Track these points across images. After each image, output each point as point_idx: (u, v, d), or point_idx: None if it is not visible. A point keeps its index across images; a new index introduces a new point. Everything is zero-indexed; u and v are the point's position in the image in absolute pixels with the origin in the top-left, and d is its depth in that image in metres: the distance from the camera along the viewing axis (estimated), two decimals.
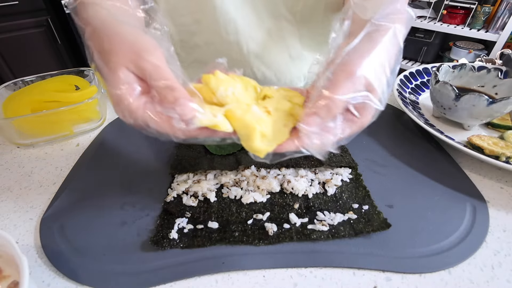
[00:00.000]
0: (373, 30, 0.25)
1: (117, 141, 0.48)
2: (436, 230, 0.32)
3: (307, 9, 0.53)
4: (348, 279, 0.28)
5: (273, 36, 0.55)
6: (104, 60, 0.26)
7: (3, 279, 0.26)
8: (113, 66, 0.25)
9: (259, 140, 0.27)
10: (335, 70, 0.25)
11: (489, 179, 0.39)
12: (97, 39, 0.27)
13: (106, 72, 0.26)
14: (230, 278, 0.28)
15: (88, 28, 0.28)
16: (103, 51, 0.26)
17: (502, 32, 1.74)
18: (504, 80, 0.48)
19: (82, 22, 0.29)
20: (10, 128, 0.46)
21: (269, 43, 0.56)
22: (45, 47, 1.87)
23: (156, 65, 0.25)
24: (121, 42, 0.26)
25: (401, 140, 0.47)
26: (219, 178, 0.38)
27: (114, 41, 0.26)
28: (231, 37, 0.53)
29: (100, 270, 0.29)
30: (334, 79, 0.24)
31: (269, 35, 0.55)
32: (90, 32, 0.28)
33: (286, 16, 0.53)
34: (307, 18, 0.54)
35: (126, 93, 0.25)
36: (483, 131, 0.48)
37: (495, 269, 0.29)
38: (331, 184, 0.37)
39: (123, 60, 0.25)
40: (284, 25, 0.54)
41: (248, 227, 0.32)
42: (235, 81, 0.31)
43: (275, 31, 0.55)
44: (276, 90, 0.34)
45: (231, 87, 0.29)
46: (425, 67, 0.61)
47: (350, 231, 0.31)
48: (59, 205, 0.36)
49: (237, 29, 0.52)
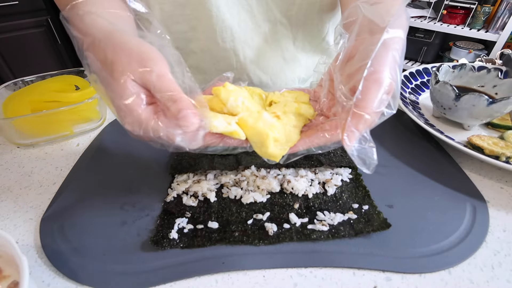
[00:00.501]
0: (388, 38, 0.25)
1: (117, 141, 0.48)
2: (436, 230, 0.32)
3: (301, 12, 0.53)
4: (348, 279, 0.28)
5: (268, 40, 0.56)
6: (108, 70, 0.25)
7: (3, 279, 0.26)
8: (118, 76, 0.25)
9: (273, 145, 0.28)
10: (365, 81, 0.24)
11: (489, 179, 0.39)
12: (98, 50, 0.26)
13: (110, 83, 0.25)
14: (230, 278, 0.28)
15: (87, 38, 0.27)
16: (106, 62, 0.26)
17: (502, 32, 1.74)
18: (504, 80, 0.48)
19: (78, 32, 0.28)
20: (10, 128, 0.46)
21: (264, 47, 0.56)
22: (45, 47, 1.87)
23: (160, 75, 0.25)
24: (125, 52, 0.25)
25: (401, 140, 0.47)
26: (219, 178, 0.38)
27: (117, 51, 0.25)
28: (228, 44, 0.53)
29: (100, 270, 0.29)
30: (366, 91, 0.24)
31: (265, 39, 0.56)
32: (89, 43, 0.27)
33: (281, 20, 0.54)
34: (301, 21, 0.55)
35: (135, 103, 0.25)
36: (483, 131, 0.48)
37: (495, 269, 0.29)
38: (331, 184, 0.37)
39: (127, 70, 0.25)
40: (279, 29, 0.55)
41: (248, 227, 0.32)
42: (242, 91, 0.32)
43: (270, 35, 0.55)
44: (281, 94, 0.35)
45: (240, 97, 0.30)
46: (425, 67, 0.61)
47: (350, 231, 0.31)
48: (59, 205, 0.36)
49: (234, 36, 0.53)
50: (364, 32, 0.28)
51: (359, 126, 0.24)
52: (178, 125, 0.24)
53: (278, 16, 0.53)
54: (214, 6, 0.48)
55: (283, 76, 0.61)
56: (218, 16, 0.49)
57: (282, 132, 0.29)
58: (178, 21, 0.52)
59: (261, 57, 0.57)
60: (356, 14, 0.29)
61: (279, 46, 0.57)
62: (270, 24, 0.54)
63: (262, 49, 0.56)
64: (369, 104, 0.24)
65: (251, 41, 0.55)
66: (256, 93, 0.35)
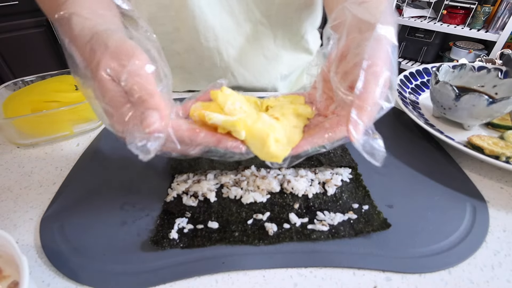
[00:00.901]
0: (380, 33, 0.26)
1: (117, 141, 0.48)
2: (436, 230, 0.32)
3: (280, 12, 0.56)
4: (348, 279, 0.28)
5: (250, 40, 0.58)
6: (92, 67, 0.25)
7: (3, 279, 0.26)
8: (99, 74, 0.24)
9: (274, 145, 0.27)
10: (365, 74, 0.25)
11: (489, 179, 0.39)
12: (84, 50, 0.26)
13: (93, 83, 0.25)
14: (230, 278, 0.28)
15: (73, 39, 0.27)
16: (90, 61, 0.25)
17: (502, 32, 1.74)
18: (504, 80, 0.48)
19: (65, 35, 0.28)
20: (10, 128, 0.46)
21: (246, 46, 0.59)
22: (45, 47, 1.87)
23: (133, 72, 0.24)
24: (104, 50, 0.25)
25: (401, 140, 0.47)
26: (219, 178, 0.38)
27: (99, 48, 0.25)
28: (211, 44, 0.56)
29: (100, 270, 0.29)
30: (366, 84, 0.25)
31: (246, 39, 0.58)
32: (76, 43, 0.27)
33: (261, 20, 0.56)
34: (281, 21, 0.57)
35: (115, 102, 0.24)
36: (483, 131, 0.48)
37: (495, 269, 0.29)
38: (331, 184, 0.37)
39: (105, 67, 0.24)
40: (260, 29, 0.57)
41: (248, 227, 0.32)
42: (239, 95, 0.32)
43: (252, 35, 0.58)
44: (276, 99, 0.35)
45: (238, 101, 0.30)
46: (425, 67, 0.61)
47: (350, 231, 0.31)
48: (59, 205, 0.36)
49: (216, 35, 0.55)
50: (354, 32, 0.28)
51: (363, 117, 0.24)
52: (139, 128, 0.23)
53: (259, 16, 0.56)
54: (196, 7, 0.50)
55: (266, 73, 0.64)
56: (200, 17, 0.52)
57: (282, 133, 0.29)
58: (163, 22, 0.54)
59: (244, 56, 0.60)
60: (343, 15, 0.29)
61: (261, 45, 0.60)
62: (251, 24, 0.56)
63: (244, 48, 0.59)
64: (370, 95, 0.24)
65: (233, 41, 0.57)
66: (252, 100, 0.35)
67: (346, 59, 0.28)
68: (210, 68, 0.60)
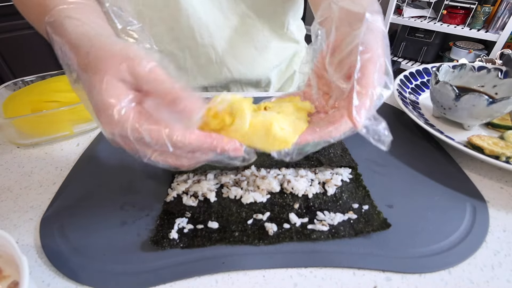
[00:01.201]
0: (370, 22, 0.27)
1: None
2: (436, 230, 0.32)
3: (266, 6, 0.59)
4: (348, 279, 0.28)
5: (239, 32, 0.61)
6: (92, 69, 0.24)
7: (3, 279, 0.26)
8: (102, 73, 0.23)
9: (279, 130, 0.27)
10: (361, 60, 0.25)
11: (489, 179, 0.39)
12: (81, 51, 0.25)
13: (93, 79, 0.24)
14: (230, 278, 0.28)
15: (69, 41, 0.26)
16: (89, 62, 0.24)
17: (502, 32, 1.74)
18: (504, 80, 0.48)
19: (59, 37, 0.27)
20: (10, 128, 0.46)
21: (237, 39, 0.61)
22: (45, 47, 1.87)
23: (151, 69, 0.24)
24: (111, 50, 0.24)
25: (401, 140, 0.47)
26: (219, 178, 0.38)
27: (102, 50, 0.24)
28: (206, 40, 0.58)
29: (100, 270, 0.29)
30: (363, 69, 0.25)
31: (236, 32, 0.61)
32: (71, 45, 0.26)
33: (248, 13, 0.59)
34: (267, 14, 0.61)
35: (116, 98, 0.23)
36: (483, 131, 0.48)
37: (495, 269, 0.29)
38: (331, 184, 0.37)
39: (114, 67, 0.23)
40: (248, 21, 0.60)
41: (248, 227, 0.32)
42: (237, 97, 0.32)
43: (241, 28, 0.60)
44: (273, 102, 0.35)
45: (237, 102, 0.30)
46: (425, 67, 0.61)
47: (350, 231, 0.31)
48: (59, 205, 0.36)
49: (210, 32, 0.57)
50: (343, 26, 0.29)
51: (364, 100, 0.24)
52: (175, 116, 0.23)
53: (245, 9, 0.58)
54: (189, 6, 0.53)
55: (258, 64, 0.66)
56: (194, 15, 0.54)
57: (286, 123, 0.28)
58: (157, 23, 0.55)
59: (236, 49, 0.62)
60: (329, 11, 0.30)
61: (251, 37, 0.62)
62: (239, 17, 0.59)
63: (236, 41, 0.61)
64: (370, 77, 0.25)
65: (225, 34, 0.59)
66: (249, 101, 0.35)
67: (340, 48, 0.28)
68: (206, 64, 0.62)
